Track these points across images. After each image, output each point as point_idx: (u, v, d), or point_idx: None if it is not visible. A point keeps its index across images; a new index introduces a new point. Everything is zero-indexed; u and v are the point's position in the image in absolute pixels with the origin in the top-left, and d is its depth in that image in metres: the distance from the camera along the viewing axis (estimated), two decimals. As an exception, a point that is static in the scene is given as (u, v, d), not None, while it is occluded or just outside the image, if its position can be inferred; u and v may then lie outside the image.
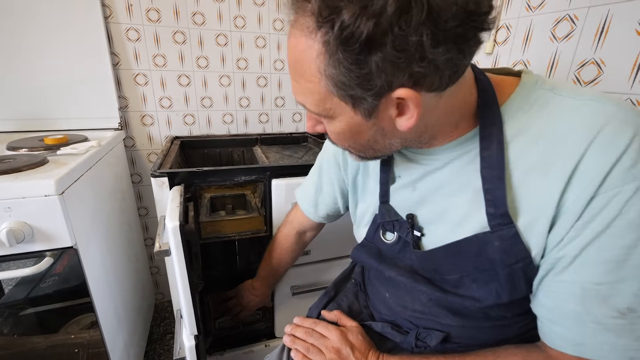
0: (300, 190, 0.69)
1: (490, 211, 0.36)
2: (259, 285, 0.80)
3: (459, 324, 0.44)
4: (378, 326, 0.53)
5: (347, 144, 0.39)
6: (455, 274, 0.40)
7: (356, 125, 0.35)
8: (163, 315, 1.25)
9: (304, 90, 0.34)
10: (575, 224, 0.32)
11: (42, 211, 0.59)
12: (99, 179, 0.82)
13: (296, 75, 0.34)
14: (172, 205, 0.62)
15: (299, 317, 0.56)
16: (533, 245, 0.34)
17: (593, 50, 0.60)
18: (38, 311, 0.81)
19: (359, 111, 0.33)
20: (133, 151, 1.10)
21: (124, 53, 0.99)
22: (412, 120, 0.32)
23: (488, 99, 0.36)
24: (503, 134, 0.35)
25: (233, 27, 1.08)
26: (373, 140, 0.37)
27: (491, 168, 0.35)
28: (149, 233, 1.22)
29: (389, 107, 0.32)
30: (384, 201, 0.47)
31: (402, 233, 0.45)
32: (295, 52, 0.32)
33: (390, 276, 0.46)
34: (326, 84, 0.31)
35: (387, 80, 0.29)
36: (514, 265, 0.35)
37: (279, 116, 1.24)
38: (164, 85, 1.06)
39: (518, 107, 0.36)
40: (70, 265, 0.68)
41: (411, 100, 0.30)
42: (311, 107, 0.35)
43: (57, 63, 0.92)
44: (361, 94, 0.30)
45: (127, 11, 0.96)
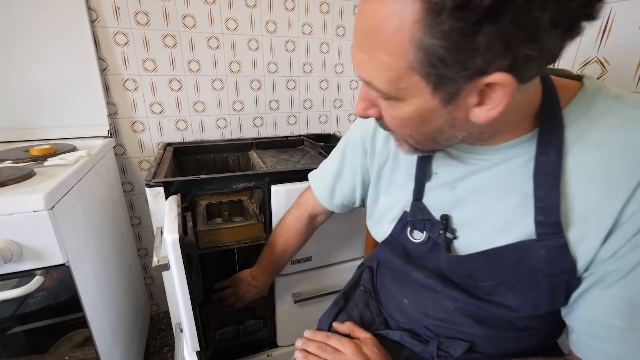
0: (317, 174, 0.65)
1: (539, 219, 0.34)
2: (259, 274, 0.75)
3: (484, 334, 0.42)
4: (396, 335, 0.51)
5: (408, 132, 0.35)
6: (490, 281, 0.38)
7: (428, 111, 0.31)
8: (159, 327, 1.22)
9: (377, 65, 0.29)
10: (633, 237, 0.30)
11: (31, 228, 0.56)
12: (89, 190, 0.78)
13: (370, 46, 0.29)
14: (170, 216, 0.59)
15: (310, 330, 0.54)
16: (580, 257, 0.33)
17: (596, 49, 0.60)
18: (27, 329, 0.77)
19: (439, 95, 0.29)
20: (124, 159, 1.07)
21: (112, 58, 0.96)
22: (494, 112, 0.28)
23: (552, 101, 0.34)
24: (563, 139, 0.33)
25: (225, 29, 1.05)
26: (439, 130, 0.33)
27: (546, 175, 0.34)
28: (142, 243, 1.18)
29: (471, 93, 0.28)
30: (418, 198, 0.45)
31: (433, 234, 0.43)
32: (376, 18, 0.27)
33: (417, 278, 0.44)
34: (413, 58, 0.27)
35: (488, 61, 0.25)
36: (557, 277, 0.34)
37: (273, 119, 1.22)
38: (155, 91, 1.03)
39: (580, 113, 0.34)
40: (60, 279, 0.65)
41: (504, 88, 0.27)
42: (380, 84, 0.30)
43: (41, 69, 0.88)
44: (453, 74, 0.27)
45: (114, 14, 0.92)
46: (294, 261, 0.85)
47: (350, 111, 1.34)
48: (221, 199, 0.99)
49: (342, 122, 1.34)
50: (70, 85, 0.91)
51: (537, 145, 0.34)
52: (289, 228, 0.70)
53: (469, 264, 0.39)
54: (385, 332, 0.52)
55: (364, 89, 0.35)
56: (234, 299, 0.78)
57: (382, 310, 0.57)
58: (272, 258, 0.72)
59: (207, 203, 0.97)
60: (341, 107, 1.31)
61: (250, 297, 0.77)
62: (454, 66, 0.26)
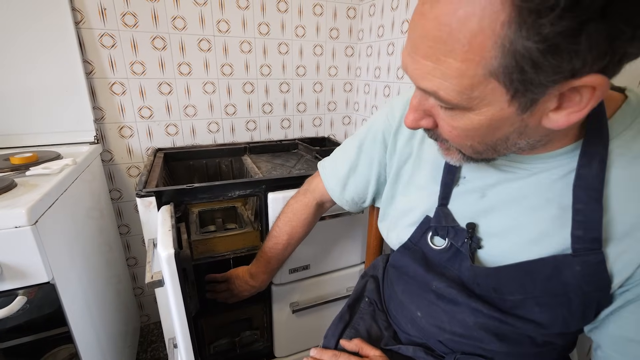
0: (329, 165, 0.61)
1: (577, 233, 0.33)
2: (259, 272, 0.69)
3: (504, 350, 0.41)
4: (409, 350, 0.48)
5: (470, 143, 0.32)
6: (518, 295, 0.36)
7: (500, 120, 0.28)
8: (150, 339, 1.18)
9: (447, 73, 0.26)
10: None
11: (13, 245, 0.52)
12: (75, 200, 0.74)
13: (440, 51, 0.26)
14: (163, 229, 0.56)
15: (317, 349, 0.51)
16: (617, 274, 0.32)
17: None
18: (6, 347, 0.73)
19: (517, 102, 0.26)
20: (111, 165, 1.02)
21: (98, 61, 0.91)
22: (576, 116, 0.26)
23: (600, 112, 0.33)
24: (607, 152, 0.32)
25: (216, 31, 1.02)
26: (504, 139, 0.30)
27: (588, 188, 0.32)
28: (131, 252, 1.14)
29: (552, 97, 0.26)
30: (444, 204, 0.43)
31: (456, 242, 0.41)
32: (447, 22, 0.24)
33: (439, 288, 0.42)
34: (496, 63, 0.24)
35: (586, 62, 0.23)
36: (590, 293, 0.33)
37: (267, 123, 1.20)
38: (144, 94, 0.99)
39: (625, 125, 0.33)
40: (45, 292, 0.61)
41: (596, 91, 0.24)
42: (448, 94, 0.27)
43: (23, 73, 0.83)
44: (543, 79, 0.24)
45: (100, 15, 0.88)
46: (292, 270, 0.83)
47: (344, 114, 1.32)
48: (214, 206, 0.96)
49: (337, 125, 1.33)
50: (54, 89, 0.87)
51: (580, 157, 0.33)
52: (296, 215, 0.65)
53: (498, 276, 0.37)
54: (397, 347, 0.50)
55: (417, 99, 0.32)
56: (228, 295, 0.72)
57: (391, 323, 0.55)
58: (275, 251, 0.67)
59: (200, 210, 0.94)
60: (335, 109, 1.30)
61: (247, 295, 0.72)
62: (548, 70, 0.23)
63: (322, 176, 0.61)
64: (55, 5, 0.82)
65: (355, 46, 1.24)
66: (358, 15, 1.20)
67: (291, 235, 0.66)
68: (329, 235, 0.85)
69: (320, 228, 0.82)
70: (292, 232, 0.65)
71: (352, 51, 1.24)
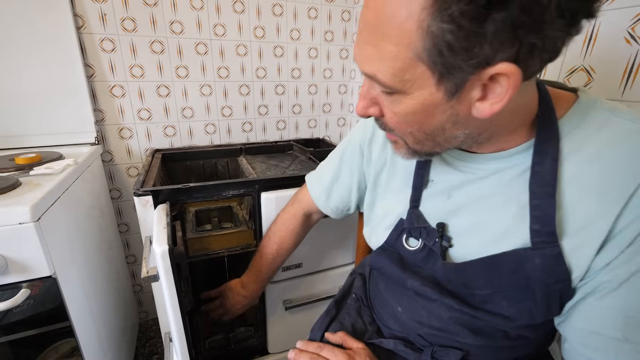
0: (314, 176, 0.64)
1: (535, 228, 0.34)
2: (250, 281, 0.71)
3: (479, 343, 0.42)
4: (390, 344, 0.50)
5: (410, 129, 0.34)
6: (486, 290, 0.38)
7: (431, 105, 0.30)
8: (148, 334, 1.21)
9: (383, 56, 0.29)
10: (626, 249, 0.31)
11: (17, 240, 0.55)
12: (76, 198, 0.77)
13: (376, 37, 0.29)
14: (159, 227, 0.59)
15: (302, 341, 0.53)
16: (575, 266, 0.33)
17: (582, 57, 0.61)
18: (11, 340, 0.76)
19: (443, 86, 0.29)
20: (111, 166, 1.05)
21: (98, 64, 0.95)
22: (497, 106, 0.28)
23: (548, 111, 0.35)
24: (559, 150, 0.34)
25: (213, 35, 1.05)
26: (440, 128, 0.33)
27: (542, 184, 0.34)
28: (130, 250, 1.17)
29: (474, 86, 0.29)
30: (415, 206, 0.45)
31: (429, 241, 0.43)
32: (383, 9, 0.27)
33: (413, 286, 0.44)
34: (419, 46, 0.27)
35: (495, 49, 0.25)
36: (552, 286, 0.34)
37: (262, 125, 1.23)
38: (142, 97, 1.02)
39: (575, 124, 0.34)
40: (46, 289, 0.64)
41: (508, 80, 0.27)
42: (385, 77, 0.30)
43: (26, 76, 0.86)
44: (460, 62, 0.27)
45: (100, 21, 0.91)
46: (285, 268, 0.86)
47: (339, 115, 1.35)
48: (210, 205, 0.99)
49: (331, 126, 1.35)
50: (56, 92, 0.90)
51: (534, 155, 0.35)
52: (284, 225, 0.68)
53: (465, 271, 0.39)
54: (379, 340, 0.52)
55: (365, 87, 0.35)
56: (222, 311, 0.75)
57: (375, 318, 0.57)
58: (266, 260, 0.69)
59: (197, 210, 0.97)
60: (330, 111, 1.33)
61: (240, 308, 0.75)
62: (462, 53, 0.26)
63: (308, 187, 0.65)
64: (58, 12, 0.85)
65: (349, 49, 1.26)
66: (352, 18, 1.22)
67: (280, 245, 0.69)
68: (322, 235, 0.88)
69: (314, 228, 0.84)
70: (281, 242, 0.69)
71: (346, 54, 1.27)
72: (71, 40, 0.88)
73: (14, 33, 0.83)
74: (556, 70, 0.67)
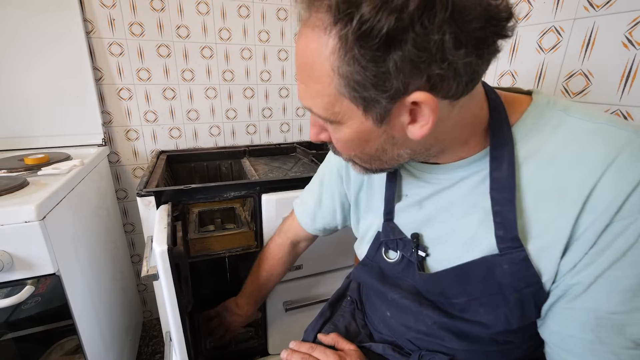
0: (299, 201, 0.67)
1: (499, 234, 0.35)
2: (243, 303, 0.75)
3: (465, 348, 0.43)
4: (379, 347, 0.51)
5: (354, 153, 0.37)
6: (462, 298, 0.39)
7: (365, 132, 0.33)
8: (152, 333, 1.22)
9: (313, 93, 0.32)
10: (590, 250, 0.31)
11: (23, 238, 0.57)
12: (82, 198, 0.79)
13: (305, 77, 0.32)
14: (160, 227, 0.60)
15: (295, 342, 0.54)
16: (544, 270, 0.34)
17: (580, 61, 0.61)
18: (18, 336, 0.78)
19: (370, 116, 0.31)
20: (118, 167, 1.08)
21: (107, 68, 0.97)
22: (425, 128, 0.30)
23: (499, 118, 0.35)
24: (514, 155, 0.34)
25: (218, 39, 1.07)
26: (382, 149, 0.35)
27: (501, 190, 0.34)
28: (135, 250, 1.19)
29: (402, 112, 0.30)
30: (389, 219, 0.46)
31: (406, 252, 0.44)
32: (305, 53, 0.30)
33: (394, 299, 0.45)
34: (338, 84, 0.29)
35: (404, 82, 0.27)
36: (523, 290, 0.35)
37: (266, 127, 1.24)
38: (149, 99, 1.05)
39: (530, 127, 0.35)
40: (52, 287, 0.66)
41: (427, 106, 0.29)
42: (319, 111, 0.33)
43: (37, 79, 0.89)
44: (375, 96, 0.29)
45: (109, 26, 0.94)
46: (285, 269, 0.86)
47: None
48: (213, 206, 1.00)
49: (335, 129, 1.36)
50: (66, 94, 0.93)
51: (490, 161, 0.36)
52: (272, 255, 0.71)
53: (441, 281, 0.40)
54: (369, 344, 0.53)
55: (313, 116, 0.37)
56: (222, 330, 0.77)
57: (367, 322, 0.57)
58: (257, 285, 0.73)
59: (200, 210, 0.98)
60: (334, 114, 1.33)
61: (237, 326, 0.77)
62: (372, 89, 0.28)
63: (296, 213, 0.67)
64: (68, 17, 0.88)
65: (354, 52, 1.27)
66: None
67: (269, 273, 0.72)
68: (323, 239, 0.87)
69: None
70: (270, 270, 0.71)
71: (351, 57, 1.27)
72: (81, 44, 0.90)
73: (26, 37, 0.86)
74: (554, 75, 0.67)
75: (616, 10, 0.55)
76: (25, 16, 0.85)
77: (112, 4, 0.93)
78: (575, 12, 0.61)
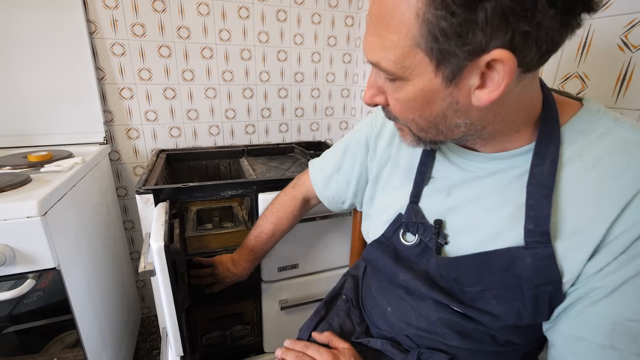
0: (318, 163, 0.66)
1: (529, 227, 0.35)
2: (241, 259, 0.71)
3: (465, 347, 0.43)
4: (377, 343, 0.51)
5: (412, 116, 0.36)
6: (477, 287, 0.38)
7: (431, 91, 0.32)
8: (149, 329, 1.24)
9: (386, 44, 0.31)
10: (620, 256, 0.31)
11: (24, 233, 0.59)
12: (83, 195, 0.81)
13: (380, 27, 0.31)
14: (157, 224, 0.62)
15: (290, 340, 0.55)
16: (567, 270, 0.34)
17: (576, 64, 0.61)
18: (20, 329, 0.80)
19: (441, 72, 0.30)
20: (118, 165, 1.10)
21: (109, 68, 0.99)
22: (495, 93, 0.29)
23: (551, 114, 0.36)
24: (559, 154, 0.35)
25: (218, 40, 1.09)
26: (442, 115, 0.34)
27: (540, 185, 0.35)
28: (135, 246, 1.21)
29: (472, 74, 0.30)
30: (414, 202, 0.46)
31: (425, 237, 0.43)
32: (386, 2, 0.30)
33: (404, 280, 0.44)
34: (417, 33, 0.29)
35: (488, 36, 0.27)
36: (542, 287, 0.34)
37: (265, 127, 1.25)
38: (150, 99, 1.06)
39: (578, 130, 0.35)
40: (54, 280, 0.67)
41: (505, 66, 0.28)
42: (387, 64, 0.32)
43: (41, 78, 0.91)
44: (454, 48, 0.28)
45: (112, 26, 0.96)
46: (281, 268, 0.88)
47: (341, 119, 1.37)
48: (212, 205, 1.01)
49: (334, 129, 1.37)
50: (69, 94, 0.95)
51: (533, 157, 0.36)
52: (283, 206, 0.69)
53: (458, 266, 0.40)
54: (367, 340, 0.52)
55: (372, 77, 0.37)
56: (212, 280, 0.74)
57: (364, 319, 0.57)
58: (260, 240, 0.70)
59: (198, 209, 1.00)
60: (332, 115, 1.34)
61: (229, 282, 0.74)
62: (455, 39, 0.28)
63: (310, 172, 0.66)
64: (72, 18, 0.90)
65: (352, 53, 1.28)
66: (356, 24, 1.24)
67: (276, 225, 0.69)
68: (318, 237, 0.89)
69: (310, 229, 0.86)
70: (277, 222, 0.69)
71: (349, 58, 1.28)
72: (84, 44, 0.92)
73: (32, 38, 0.88)
74: (551, 76, 0.67)
75: (612, 13, 0.55)
76: (31, 16, 0.87)
77: (114, 5, 0.94)
78: (571, 15, 0.62)
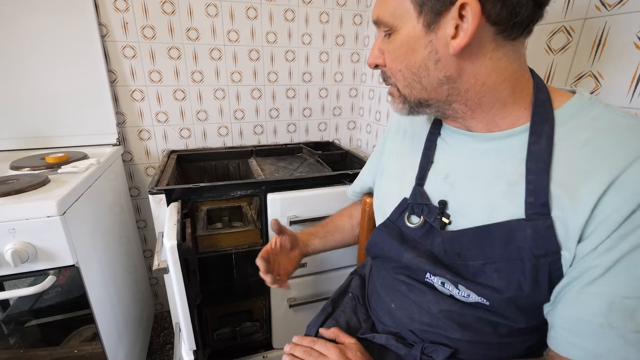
0: None
1: (529, 200, 0.36)
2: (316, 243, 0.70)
3: (468, 339, 0.44)
4: (382, 338, 0.53)
5: (400, 66, 0.41)
6: (479, 260, 0.40)
7: (414, 37, 0.37)
8: (162, 325, 1.27)
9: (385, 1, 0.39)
10: (612, 234, 0.32)
11: (45, 232, 0.61)
12: (98, 195, 0.84)
13: None
14: (170, 223, 0.64)
15: (298, 336, 0.56)
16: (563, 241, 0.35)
17: (590, 62, 0.60)
18: (42, 323, 0.84)
19: (422, 19, 0.36)
20: (131, 165, 1.12)
21: (120, 70, 1.01)
22: (465, 39, 0.34)
23: (543, 98, 0.38)
24: (553, 133, 0.37)
25: (227, 41, 1.10)
26: (424, 67, 0.38)
27: (538, 161, 0.36)
28: (147, 245, 1.24)
29: (448, 23, 0.35)
30: (420, 184, 0.48)
31: (430, 218, 0.46)
32: None
33: (409, 258, 0.47)
34: None
35: None
36: (540, 258, 0.36)
37: (273, 127, 1.27)
38: (160, 100, 1.09)
39: (570, 115, 0.37)
40: (72, 277, 0.70)
41: (471, 9, 0.33)
42: (386, 17, 0.39)
43: (55, 82, 0.94)
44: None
45: (123, 29, 0.98)
46: (289, 265, 0.89)
47: (349, 119, 1.37)
48: (221, 204, 1.03)
49: (342, 129, 1.38)
50: (82, 96, 0.97)
51: (530, 135, 0.38)
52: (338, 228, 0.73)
53: (461, 240, 0.41)
54: (372, 335, 0.54)
55: (377, 40, 0.43)
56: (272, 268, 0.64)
57: (370, 315, 0.59)
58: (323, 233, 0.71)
59: (208, 208, 1.02)
60: (340, 114, 1.35)
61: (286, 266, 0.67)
62: None
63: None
64: (84, 21, 0.92)
65: (361, 52, 1.28)
66: (364, 22, 1.24)
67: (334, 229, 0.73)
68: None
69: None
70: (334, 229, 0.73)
71: (357, 57, 1.28)
72: (96, 47, 0.95)
73: (45, 42, 0.91)
74: (563, 76, 0.66)
75: (629, 9, 0.54)
76: (45, 21, 0.89)
77: (125, 8, 0.97)
78: (586, 12, 0.60)
